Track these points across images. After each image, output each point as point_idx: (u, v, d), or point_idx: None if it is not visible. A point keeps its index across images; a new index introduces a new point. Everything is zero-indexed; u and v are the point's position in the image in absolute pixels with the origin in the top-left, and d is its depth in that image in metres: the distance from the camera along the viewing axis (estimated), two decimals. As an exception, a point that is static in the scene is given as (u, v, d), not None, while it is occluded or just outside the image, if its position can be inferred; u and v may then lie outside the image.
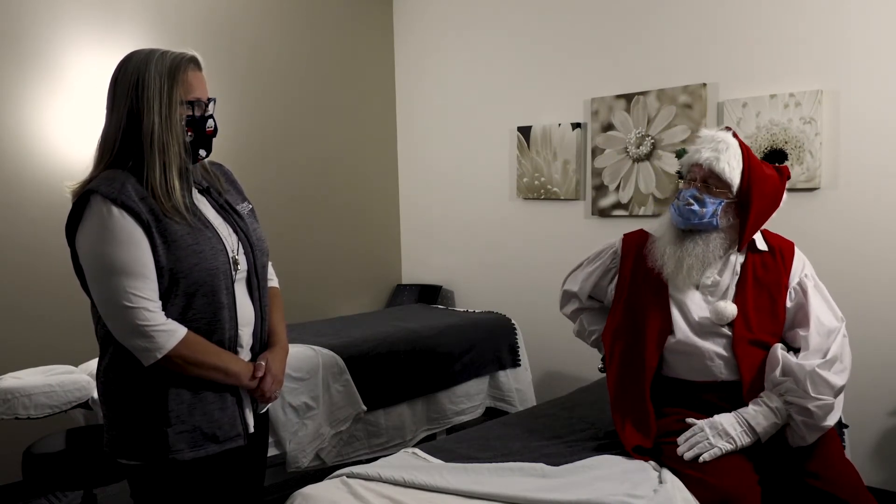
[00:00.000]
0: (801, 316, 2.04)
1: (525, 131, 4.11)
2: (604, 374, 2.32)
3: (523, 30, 4.09)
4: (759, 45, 3.24)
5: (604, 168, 3.79)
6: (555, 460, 1.98)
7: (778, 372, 1.94)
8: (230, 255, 1.63)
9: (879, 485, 2.99)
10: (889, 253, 2.97)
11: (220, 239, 1.62)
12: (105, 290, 1.50)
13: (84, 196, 1.53)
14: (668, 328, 2.08)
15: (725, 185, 2.05)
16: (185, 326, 1.56)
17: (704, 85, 3.39)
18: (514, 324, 3.81)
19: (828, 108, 3.06)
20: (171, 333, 1.52)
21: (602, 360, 2.38)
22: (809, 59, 3.11)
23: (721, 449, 1.87)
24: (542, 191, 4.07)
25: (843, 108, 3.03)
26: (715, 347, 2.04)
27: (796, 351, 2.01)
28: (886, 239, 2.97)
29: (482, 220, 4.40)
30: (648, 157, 3.61)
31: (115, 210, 1.49)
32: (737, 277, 2.08)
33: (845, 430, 2.36)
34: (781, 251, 2.12)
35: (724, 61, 3.35)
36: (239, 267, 1.65)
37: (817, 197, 3.11)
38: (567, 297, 2.43)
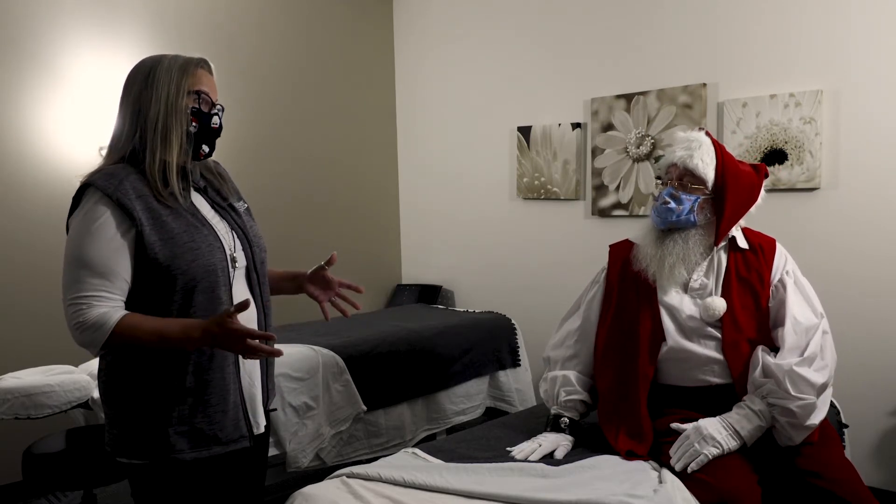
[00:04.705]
0: (781, 314, 2.03)
1: (525, 131, 4.11)
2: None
3: (523, 30, 4.09)
4: (759, 45, 3.24)
5: (604, 168, 3.79)
6: (555, 460, 1.98)
7: (758, 373, 1.95)
8: (227, 252, 1.63)
9: (879, 485, 2.99)
10: (889, 253, 2.96)
11: (218, 236, 1.63)
12: (67, 278, 1.52)
13: (82, 188, 1.55)
14: (660, 335, 2.08)
15: (700, 181, 2.08)
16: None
17: (704, 85, 3.39)
18: (514, 324, 3.81)
19: (828, 108, 3.06)
20: (99, 327, 1.49)
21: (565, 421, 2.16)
22: (809, 59, 3.11)
23: (708, 454, 1.86)
24: (542, 191, 4.07)
25: (843, 108, 3.03)
26: (707, 352, 2.04)
27: (778, 351, 2.00)
28: (886, 239, 2.97)
29: (482, 220, 4.39)
30: (648, 156, 3.61)
31: (105, 207, 1.50)
32: (722, 278, 2.09)
33: (845, 430, 2.36)
34: (762, 248, 2.12)
35: (724, 61, 3.35)
36: (237, 264, 1.66)
37: (817, 197, 3.11)
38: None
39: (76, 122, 3.38)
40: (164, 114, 1.56)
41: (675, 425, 1.96)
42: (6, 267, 3.23)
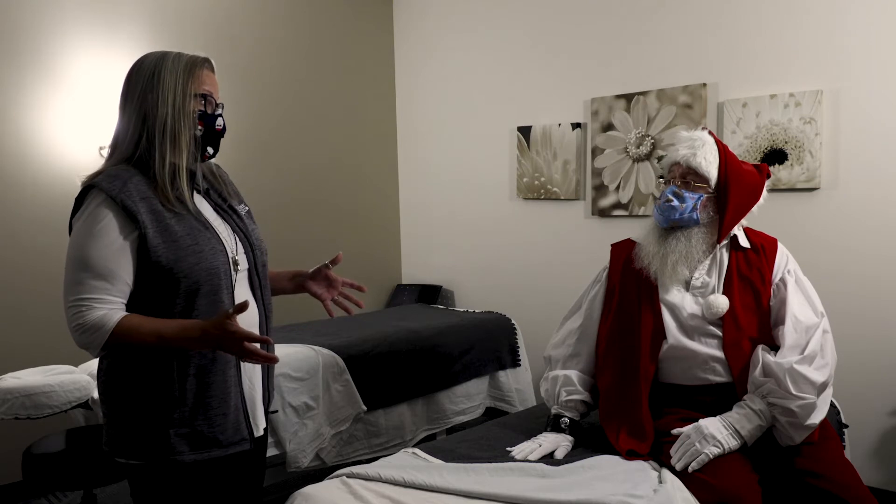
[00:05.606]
0: (782, 313, 2.04)
1: (525, 131, 4.11)
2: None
3: (523, 30, 4.09)
4: (759, 45, 3.24)
5: (604, 168, 3.79)
6: (555, 460, 1.98)
7: (758, 372, 1.95)
8: (230, 255, 1.63)
9: (879, 485, 2.99)
10: (889, 253, 2.96)
11: (220, 240, 1.63)
12: (68, 279, 1.51)
13: (85, 189, 1.54)
14: (661, 333, 2.08)
15: (703, 179, 2.09)
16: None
17: (704, 85, 3.39)
18: (514, 324, 3.81)
19: (828, 108, 3.06)
20: (98, 329, 1.48)
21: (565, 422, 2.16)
22: (809, 59, 3.11)
23: (709, 454, 1.86)
24: (542, 191, 4.07)
25: (843, 108, 3.03)
26: (708, 350, 2.04)
27: (778, 350, 2.00)
28: (886, 239, 2.97)
29: (482, 220, 4.40)
30: (648, 157, 3.61)
31: (108, 209, 1.50)
32: (724, 276, 2.09)
33: (845, 430, 2.36)
34: (763, 247, 2.13)
35: (724, 61, 3.35)
36: (239, 267, 1.66)
37: (817, 197, 3.11)
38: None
39: (76, 122, 3.38)
40: (172, 118, 1.55)
41: (675, 431, 1.95)
42: (6, 267, 3.23)
